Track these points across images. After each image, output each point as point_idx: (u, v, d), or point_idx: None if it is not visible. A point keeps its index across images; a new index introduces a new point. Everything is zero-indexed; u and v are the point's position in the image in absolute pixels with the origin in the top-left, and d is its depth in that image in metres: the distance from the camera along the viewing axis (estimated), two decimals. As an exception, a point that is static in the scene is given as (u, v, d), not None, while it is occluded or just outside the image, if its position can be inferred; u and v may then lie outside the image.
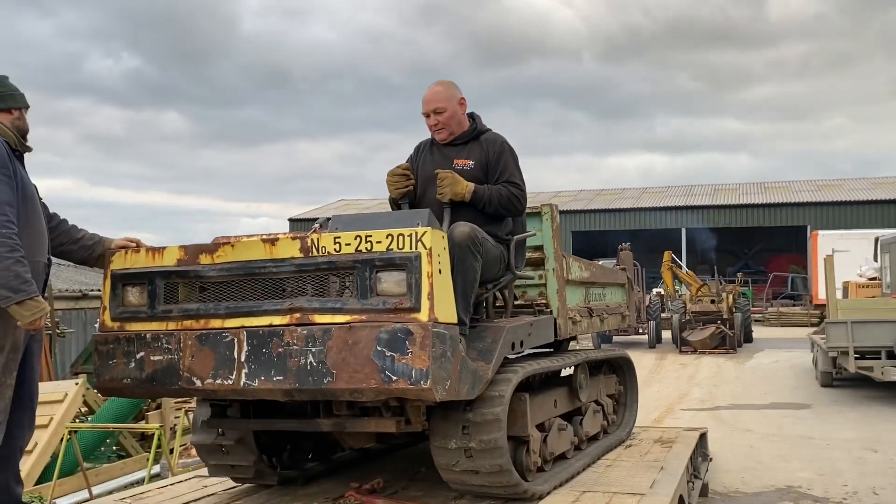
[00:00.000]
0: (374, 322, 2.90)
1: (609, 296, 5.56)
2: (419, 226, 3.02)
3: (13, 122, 3.33)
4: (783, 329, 25.24)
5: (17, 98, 3.37)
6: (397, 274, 2.92)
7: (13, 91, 3.38)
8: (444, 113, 3.83)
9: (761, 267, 38.58)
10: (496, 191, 3.73)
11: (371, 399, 3.04)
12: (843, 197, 34.79)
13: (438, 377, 2.87)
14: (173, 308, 3.30)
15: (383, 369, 2.85)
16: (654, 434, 5.40)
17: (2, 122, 3.30)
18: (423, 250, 2.91)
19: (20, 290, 3.00)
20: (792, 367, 14.68)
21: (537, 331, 3.97)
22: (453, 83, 3.94)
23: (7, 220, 3.02)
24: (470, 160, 3.82)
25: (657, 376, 13.94)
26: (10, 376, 3.12)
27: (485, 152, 3.84)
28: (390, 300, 2.92)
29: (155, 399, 7.28)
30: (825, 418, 9.29)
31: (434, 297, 2.89)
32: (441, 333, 2.89)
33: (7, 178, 3.08)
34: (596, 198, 39.89)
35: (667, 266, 22.49)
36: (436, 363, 2.85)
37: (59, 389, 6.65)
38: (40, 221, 3.31)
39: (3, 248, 2.97)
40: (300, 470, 4.14)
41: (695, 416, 9.53)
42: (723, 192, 38.74)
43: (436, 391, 2.85)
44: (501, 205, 3.72)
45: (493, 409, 3.27)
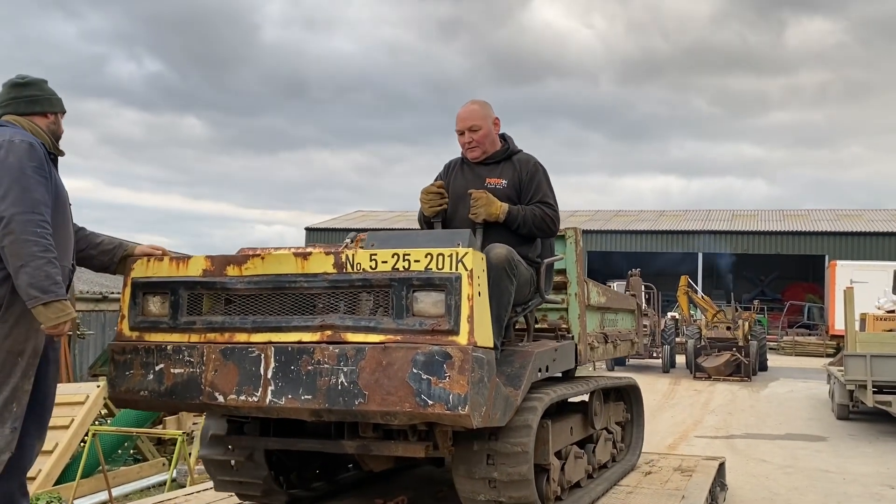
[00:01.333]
0: (410, 343, 2.83)
1: (620, 322, 5.53)
2: (460, 246, 2.94)
3: (49, 125, 3.32)
4: (798, 358, 25.02)
5: (55, 102, 3.37)
6: (436, 294, 2.85)
7: (50, 95, 3.37)
8: (478, 131, 3.83)
9: (777, 295, 38.32)
10: (530, 211, 3.70)
11: (404, 423, 2.95)
12: (862, 228, 34.55)
13: (476, 403, 2.79)
14: (197, 320, 3.19)
15: (419, 392, 2.76)
16: (674, 462, 5.38)
17: (38, 125, 3.28)
18: (464, 271, 2.84)
19: (49, 291, 2.92)
20: (807, 397, 14.56)
21: (561, 356, 3.91)
22: (488, 103, 3.94)
23: (42, 220, 2.99)
24: (502, 179, 3.80)
25: (671, 401, 13.86)
26: (27, 382, 3.05)
27: (517, 172, 3.82)
28: (427, 321, 2.84)
29: (172, 413, 7.30)
30: (842, 452, 9.20)
31: (474, 319, 2.81)
32: (479, 358, 2.81)
33: (43, 178, 3.07)
34: (613, 219, 39.80)
35: (683, 290, 22.41)
36: (474, 388, 2.77)
37: (81, 391, 6.72)
38: (69, 226, 3.28)
39: (36, 248, 2.92)
40: (307, 489, 4.04)
41: (709, 444, 9.46)
42: (741, 217, 38.57)
43: (473, 417, 2.77)
44: (535, 225, 3.70)
45: (520, 440, 3.20)
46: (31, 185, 3.00)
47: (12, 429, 2.97)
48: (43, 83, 3.36)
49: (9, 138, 3.07)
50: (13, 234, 2.90)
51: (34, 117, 3.27)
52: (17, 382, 3.00)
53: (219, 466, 3.71)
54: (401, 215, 42.06)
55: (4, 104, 3.29)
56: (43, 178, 3.06)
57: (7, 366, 2.98)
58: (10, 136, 3.09)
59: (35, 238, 2.92)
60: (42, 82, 3.36)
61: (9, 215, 2.91)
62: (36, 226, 2.94)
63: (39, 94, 3.31)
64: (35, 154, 3.07)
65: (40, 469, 5.95)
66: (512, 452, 3.19)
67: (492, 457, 3.21)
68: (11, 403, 2.97)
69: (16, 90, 3.28)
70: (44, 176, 3.06)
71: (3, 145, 3.05)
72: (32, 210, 2.96)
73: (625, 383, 5.13)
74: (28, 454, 3.18)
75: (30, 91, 3.30)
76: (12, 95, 3.28)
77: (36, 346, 3.07)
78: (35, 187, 3.00)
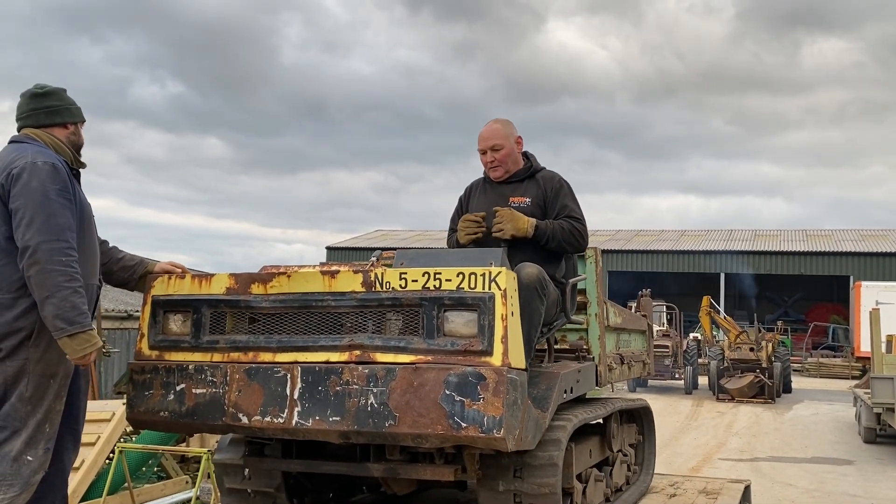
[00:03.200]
0: (442, 364, 2.76)
1: (633, 342, 5.50)
2: (493, 265, 2.88)
3: (69, 136, 3.18)
4: (823, 380, 24.69)
5: (74, 112, 3.22)
6: (468, 314, 2.77)
7: (70, 104, 3.22)
8: (501, 150, 3.77)
9: (801, 315, 37.89)
10: (558, 225, 3.63)
11: (435, 445, 2.89)
12: (887, 248, 34.15)
13: (510, 426, 2.73)
14: (220, 339, 3.11)
15: (452, 415, 2.70)
16: (699, 484, 5.33)
17: (58, 138, 3.14)
18: (497, 291, 2.76)
19: (75, 323, 2.85)
20: (833, 420, 14.36)
21: (584, 378, 3.86)
22: (510, 121, 3.89)
23: (68, 247, 2.90)
24: (526, 198, 3.74)
25: (694, 423, 13.72)
26: (60, 402, 3.02)
27: (542, 189, 3.77)
28: (459, 342, 2.77)
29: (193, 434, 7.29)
30: (869, 476, 9.06)
31: (508, 340, 2.74)
32: (514, 380, 2.75)
33: (68, 201, 2.96)
34: (634, 238, 39.65)
35: (705, 311, 22.26)
36: (509, 411, 2.71)
37: (108, 409, 6.78)
38: (95, 242, 3.21)
39: (62, 277, 2.84)
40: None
41: (734, 467, 9.36)
42: (763, 237, 38.27)
43: (508, 441, 2.71)
44: (564, 240, 3.62)
45: (549, 453, 3.14)
46: (55, 211, 2.92)
47: (45, 449, 2.98)
48: (62, 92, 3.24)
49: (31, 160, 2.96)
50: (39, 265, 2.84)
51: (54, 129, 3.15)
52: (50, 404, 2.99)
53: (231, 473, 3.58)
54: (421, 234, 42.17)
55: (24, 116, 3.18)
56: (68, 201, 2.96)
57: (40, 389, 2.96)
58: (31, 156, 2.98)
59: (61, 268, 2.85)
60: (61, 91, 3.24)
61: (34, 244, 2.85)
62: (62, 254, 2.87)
63: (59, 104, 3.19)
64: (59, 177, 2.97)
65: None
66: (540, 465, 3.12)
67: (519, 470, 3.14)
68: (45, 425, 2.97)
69: (35, 101, 3.17)
70: (68, 198, 2.97)
71: (25, 168, 2.94)
72: (58, 237, 2.88)
73: (637, 405, 5.09)
74: (67, 468, 3.21)
75: (49, 102, 3.17)
76: (31, 107, 3.16)
77: (67, 369, 3.04)
78: (60, 212, 2.92)
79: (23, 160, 2.95)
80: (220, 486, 3.66)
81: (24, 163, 2.94)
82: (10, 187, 2.94)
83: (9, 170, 2.95)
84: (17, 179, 2.92)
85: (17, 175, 2.92)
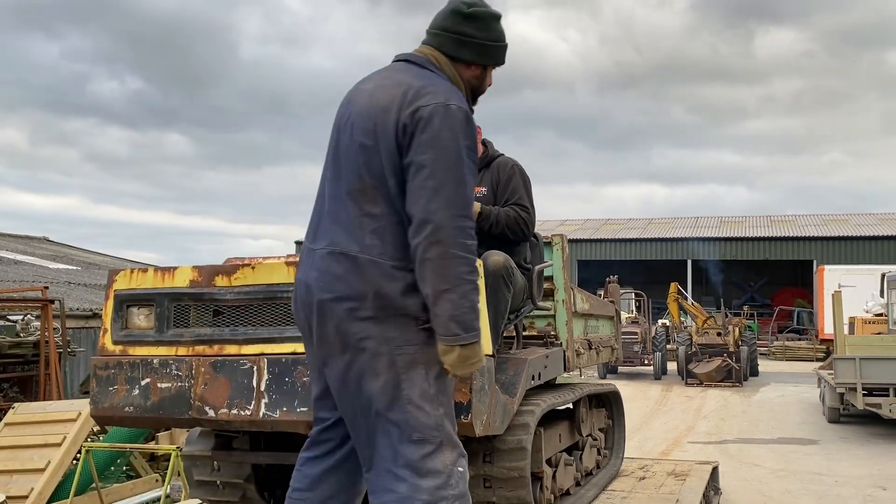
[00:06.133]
0: None
1: (601, 328, 5.56)
2: None
3: (472, 79, 2.49)
4: (788, 363, 25.14)
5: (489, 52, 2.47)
6: None
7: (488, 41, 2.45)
8: None
9: (767, 300, 38.51)
10: (504, 212, 3.61)
11: None
12: (849, 232, 34.81)
13: (478, 411, 2.75)
14: (184, 332, 3.10)
15: None
16: (668, 467, 5.41)
17: (461, 75, 2.45)
18: None
19: (472, 329, 2.18)
20: (798, 401, 14.64)
21: (552, 363, 3.92)
22: None
23: (471, 228, 2.22)
24: (482, 187, 3.73)
25: (664, 408, 13.90)
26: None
27: (496, 176, 3.76)
28: None
29: (159, 429, 7.24)
30: (833, 455, 9.26)
31: None
32: None
33: (475, 164, 2.29)
34: (602, 227, 39.95)
35: (673, 297, 22.51)
36: (476, 396, 2.73)
37: (73, 409, 6.68)
38: None
39: (465, 268, 2.16)
40: None
41: (702, 450, 9.50)
42: (729, 224, 38.79)
43: (475, 426, 2.73)
44: (508, 227, 3.59)
45: (518, 437, 3.17)
46: (464, 177, 2.21)
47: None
48: (490, 21, 2.45)
49: (444, 100, 2.23)
50: (442, 247, 2.14)
51: (458, 64, 2.45)
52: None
53: (199, 465, 3.55)
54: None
55: (433, 32, 2.46)
56: (475, 164, 2.29)
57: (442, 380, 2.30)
58: (444, 95, 2.25)
59: (464, 255, 2.17)
60: (490, 19, 2.45)
61: (439, 220, 2.14)
62: (467, 237, 2.19)
63: (475, 35, 2.42)
64: (471, 129, 2.27)
65: (32, 487, 5.92)
66: (509, 449, 3.15)
67: (489, 454, 3.16)
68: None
69: (451, 20, 2.43)
70: (475, 161, 2.29)
71: (437, 112, 2.21)
72: (465, 214, 2.19)
73: (606, 390, 5.15)
74: None
75: (465, 28, 2.42)
76: (444, 25, 2.44)
77: None
78: (468, 179, 2.22)
79: (433, 97, 2.23)
80: (189, 479, 3.64)
81: (436, 103, 2.22)
82: (413, 130, 2.21)
83: (415, 105, 2.22)
84: (428, 125, 2.19)
85: (428, 119, 2.20)
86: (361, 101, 2.35)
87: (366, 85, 2.41)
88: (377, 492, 2.24)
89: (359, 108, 2.34)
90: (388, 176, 2.23)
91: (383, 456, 2.22)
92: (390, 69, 2.43)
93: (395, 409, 2.19)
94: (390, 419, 2.20)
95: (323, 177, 2.43)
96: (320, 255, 2.27)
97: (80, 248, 23.49)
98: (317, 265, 2.27)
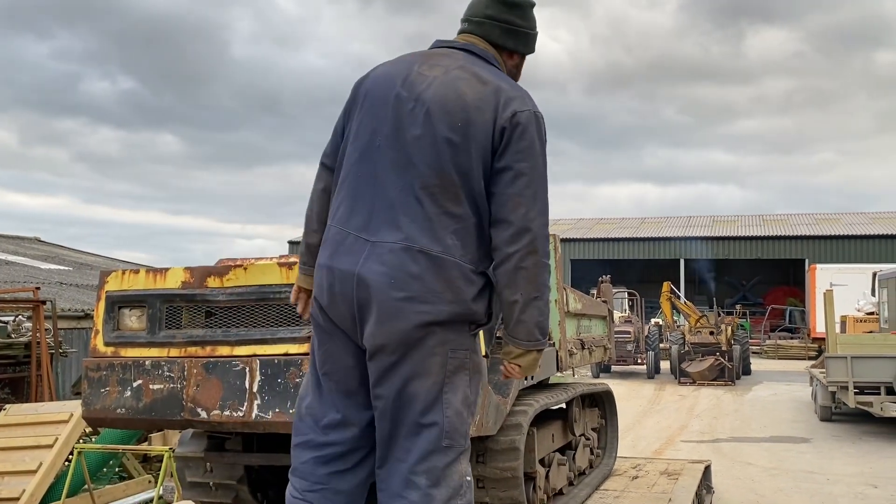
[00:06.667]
0: None
1: (594, 328, 5.58)
2: None
3: (512, 69, 2.42)
4: (781, 362, 25.23)
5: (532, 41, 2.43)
6: None
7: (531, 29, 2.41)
8: None
9: (759, 299, 38.63)
10: None
11: None
12: (840, 231, 34.96)
13: None
14: (176, 334, 3.10)
15: None
16: (660, 466, 5.42)
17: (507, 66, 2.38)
18: None
19: (546, 335, 2.27)
20: (791, 400, 14.69)
21: (545, 363, 3.94)
22: None
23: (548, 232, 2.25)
24: None
25: (657, 407, 13.93)
26: None
27: None
28: None
29: (151, 431, 7.22)
30: (825, 453, 9.29)
31: None
32: None
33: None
34: (595, 227, 40.02)
35: (665, 296, 22.53)
36: None
37: (65, 410, 6.66)
38: None
39: (548, 276, 2.20)
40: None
41: (695, 448, 9.53)
42: (721, 223, 38.91)
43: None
44: None
45: (511, 437, 3.18)
46: (546, 184, 2.22)
47: None
48: (530, 8, 2.40)
49: (533, 107, 2.20)
50: (538, 256, 2.14)
51: (502, 53, 2.37)
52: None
53: (192, 467, 3.55)
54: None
55: (477, 19, 2.36)
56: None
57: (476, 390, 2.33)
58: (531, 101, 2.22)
59: (548, 263, 2.21)
60: (529, 6, 2.40)
61: (536, 230, 2.14)
62: (546, 239, 2.21)
63: (520, 24, 2.37)
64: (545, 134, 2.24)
65: (24, 489, 5.89)
66: (501, 449, 3.15)
67: (482, 455, 3.16)
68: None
69: (495, 8, 2.34)
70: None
71: (532, 119, 2.17)
72: (548, 224, 2.22)
73: (599, 389, 5.16)
74: None
75: (509, 17, 2.35)
76: (488, 14, 2.35)
77: None
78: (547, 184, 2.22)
79: (524, 103, 2.19)
80: (182, 480, 3.65)
81: (529, 110, 2.18)
82: (511, 136, 2.15)
83: (512, 109, 2.16)
84: (525, 132, 2.16)
85: (525, 125, 2.16)
86: (435, 91, 2.18)
87: (428, 71, 2.23)
88: (388, 494, 2.16)
89: (436, 98, 2.17)
90: (475, 177, 2.14)
91: (401, 457, 2.14)
92: (452, 58, 2.27)
93: (435, 411, 2.14)
94: (427, 421, 2.13)
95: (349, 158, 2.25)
96: (390, 250, 2.10)
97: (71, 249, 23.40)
98: (384, 260, 2.10)
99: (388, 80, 2.25)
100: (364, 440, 2.24)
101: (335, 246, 2.20)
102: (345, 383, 2.24)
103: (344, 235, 2.18)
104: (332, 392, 2.25)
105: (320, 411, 2.26)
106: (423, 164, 2.13)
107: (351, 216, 2.20)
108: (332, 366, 2.25)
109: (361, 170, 2.22)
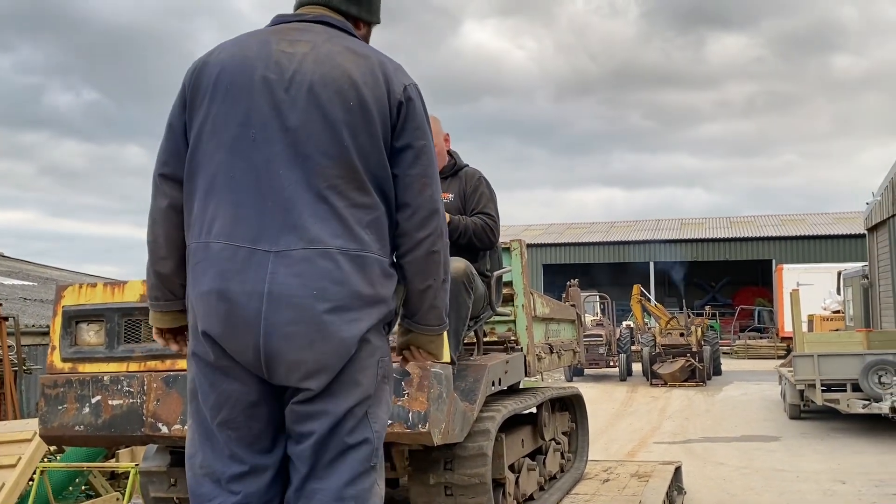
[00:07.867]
0: None
1: (563, 332, 5.58)
2: None
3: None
4: (751, 361, 25.53)
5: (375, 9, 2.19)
6: None
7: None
8: None
9: (728, 300, 39.10)
10: (471, 222, 3.71)
11: None
12: (806, 231, 35.53)
13: (436, 420, 2.76)
14: (135, 348, 3.06)
15: None
16: (631, 468, 5.44)
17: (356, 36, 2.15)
18: None
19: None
20: (761, 399, 14.86)
21: (512, 369, 3.94)
22: (437, 118, 3.91)
23: None
24: (449, 194, 3.84)
25: (629, 409, 14.01)
26: None
27: (462, 185, 3.87)
28: None
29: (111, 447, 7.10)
30: (794, 451, 9.41)
31: None
32: (438, 374, 2.79)
33: None
34: (566, 231, 40.26)
35: (636, 299, 22.74)
36: (434, 405, 2.75)
37: (28, 428, 6.52)
38: None
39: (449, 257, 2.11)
40: None
41: (668, 450, 9.58)
42: (689, 226, 39.35)
43: (434, 435, 2.74)
44: (476, 235, 3.68)
45: (478, 444, 3.19)
46: None
47: None
48: None
49: (414, 81, 2.04)
50: (445, 238, 2.03)
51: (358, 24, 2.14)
52: None
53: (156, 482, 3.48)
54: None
55: None
56: None
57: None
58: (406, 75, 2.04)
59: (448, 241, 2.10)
60: None
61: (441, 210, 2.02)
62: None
63: None
64: None
65: None
66: (469, 455, 3.17)
67: (449, 462, 3.18)
68: None
69: None
70: None
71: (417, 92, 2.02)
72: None
73: (569, 393, 5.16)
74: None
75: None
76: None
77: None
78: None
79: (405, 76, 2.02)
80: (146, 496, 3.60)
81: (413, 83, 2.02)
82: (407, 112, 1.97)
83: (402, 83, 1.98)
84: (416, 107, 2.00)
85: (415, 100, 2.00)
86: (312, 70, 1.91)
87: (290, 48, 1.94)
88: None
89: (316, 78, 1.90)
90: (379, 160, 1.91)
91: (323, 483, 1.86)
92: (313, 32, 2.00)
93: (362, 428, 1.89)
94: (354, 440, 1.88)
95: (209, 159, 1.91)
96: (303, 257, 1.81)
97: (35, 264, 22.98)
98: (297, 270, 1.81)
99: (244, 63, 1.93)
100: (279, 483, 1.94)
101: (222, 265, 1.84)
102: (247, 429, 1.91)
103: (232, 251, 1.84)
104: (232, 441, 1.92)
105: (220, 467, 1.92)
106: (319, 153, 1.87)
107: (235, 226, 1.86)
108: (230, 411, 1.90)
109: (235, 170, 1.88)
